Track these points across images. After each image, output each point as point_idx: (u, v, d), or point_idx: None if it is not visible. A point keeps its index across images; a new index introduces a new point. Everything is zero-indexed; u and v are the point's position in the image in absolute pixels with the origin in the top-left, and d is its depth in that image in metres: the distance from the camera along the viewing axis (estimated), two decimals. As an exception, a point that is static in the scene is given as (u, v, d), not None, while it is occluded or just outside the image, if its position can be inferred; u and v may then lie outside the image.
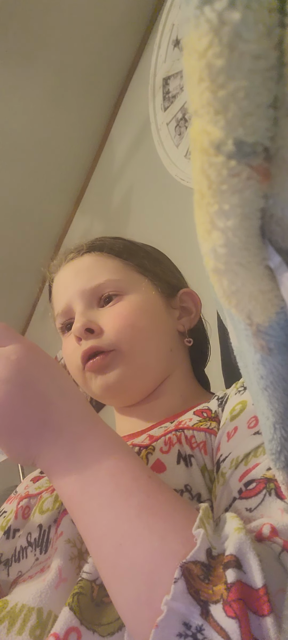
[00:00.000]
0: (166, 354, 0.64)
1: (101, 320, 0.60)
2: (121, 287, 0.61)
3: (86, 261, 0.64)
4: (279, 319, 0.25)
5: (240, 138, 0.21)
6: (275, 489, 0.35)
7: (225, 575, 0.28)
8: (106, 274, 0.62)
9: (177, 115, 1.49)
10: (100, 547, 0.35)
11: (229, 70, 0.20)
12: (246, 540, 0.29)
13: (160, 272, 0.67)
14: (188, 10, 0.20)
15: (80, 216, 2.17)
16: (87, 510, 0.36)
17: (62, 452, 0.38)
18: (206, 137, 0.22)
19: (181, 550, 0.30)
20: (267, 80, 0.20)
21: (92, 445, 0.38)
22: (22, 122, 1.76)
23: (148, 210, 1.67)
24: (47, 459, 0.39)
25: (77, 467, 0.37)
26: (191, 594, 0.28)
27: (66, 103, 1.76)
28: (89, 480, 0.36)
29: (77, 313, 0.62)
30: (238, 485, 0.39)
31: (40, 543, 0.48)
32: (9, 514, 0.55)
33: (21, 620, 0.40)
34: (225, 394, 0.54)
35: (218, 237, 0.23)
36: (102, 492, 0.36)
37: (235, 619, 0.26)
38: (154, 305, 0.63)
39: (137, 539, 0.32)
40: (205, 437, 0.48)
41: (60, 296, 0.64)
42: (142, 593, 0.30)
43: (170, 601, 0.28)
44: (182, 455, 0.46)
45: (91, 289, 0.62)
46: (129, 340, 0.59)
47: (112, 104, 1.84)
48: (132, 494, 0.35)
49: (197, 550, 0.29)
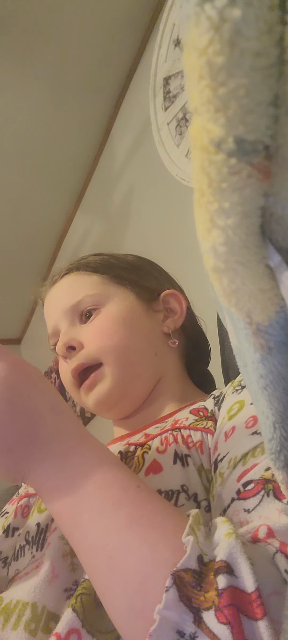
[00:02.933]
0: (151, 358, 0.64)
1: (82, 335, 0.63)
2: (98, 301, 0.63)
3: (66, 281, 0.67)
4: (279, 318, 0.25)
5: (241, 136, 0.21)
6: (273, 489, 0.35)
7: (216, 582, 0.28)
8: (83, 291, 0.64)
9: (178, 115, 1.49)
10: (92, 560, 0.35)
11: (230, 67, 0.20)
12: (236, 545, 0.29)
13: (137, 278, 0.68)
14: (189, 8, 0.20)
15: (81, 216, 2.17)
16: (78, 525, 0.36)
17: (51, 468, 0.38)
18: (206, 135, 0.21)
19: (171, 559, 0.30)
20: (268, 77, 0.20)
21: (80, 460, 0.38)
22: (23, 122, 1.76)
23: (149, 210, 1.67)
24: (36, 475, 0.39)
25: (66, 482, 0.37)
26: (183, 602, 0.28)
27: (67, 102, 1.76)
28: (78, 494, 0.37)
29: (61, 333, 0.64)
30: (236, 485, 0.39)
31: (36, 541, 0.48)
32: (10, 514, 0.56)
33: (16, 616, 0.40)
34: (222, 393, 0.54)
35: (218, 235, 0.23)
36: (92, 506, 0.36)
37: (227, 625, 0.26)
38: (133, 312, 0.64)
39: (127, 549, 0.32)
40: (202, 436, 0.48)
41: (48, 319, 0.68)
42: (135, 603, 0.30)
43: (162, 610, 0.28)
44: (178, 455, 0.47)
45: (71, 306, 0.64)
46: (109, 351, 0.61)
47: (112, 103, 1.84)
48: (121, 505, 0.35)
49: (187, 558, 0.29)
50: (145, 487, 0.37)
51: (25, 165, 1.91)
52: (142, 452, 0.49)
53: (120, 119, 1.84)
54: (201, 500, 0.44)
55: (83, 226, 2.15)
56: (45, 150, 1.89)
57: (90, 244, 2.06)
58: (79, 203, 2.15)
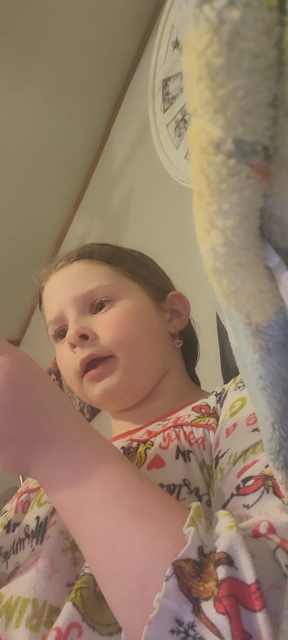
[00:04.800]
0: (160, 355, 0.64)
1: (94, 326, 0.61)
2: (112, 293, 0.62)
3: (76, 268, 0.64)
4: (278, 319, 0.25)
5: (240, 137, 0.21)
6: (273, 486, 0.35)
7: (216, 572, 0.28)
8: (97, 281, 0.62)
9: (177, 116, 1.49)
10: (94, 551, 0.35)
11: (228, 69, 0.20)
12: (237, 537, 0.29)
13: (149, 276, 0.68)
14: (188, 9, 0.20)
15: (80, 218, 2.17)
16: (80, 516, 0.37)
17: (54, 460, 0.39)
18: (205, 136, 0.22)
19: (172, 549, 0.30)
20: (267, 79, 0.20)
21: (83, 453, 0.39)
22: (22, 123, 1.76)
23: (148, 211, 1.67)
24: (40, 467, 0.39)
25: (69, 475, 0.38)
26: (183, 591, 0.28)
27: (66, 104, 1.76)
28: (81, 486, 0.37)
29: (70, 320, 0.62)
30: (236, 481, 0.39)
31: (36, 534, 0.49)
32: (9, 512, 0.56)
33: (17, 613, 0.41)
34: (224, 390, 0.54)
35: (217, 236, 0.23)
36: (94, 498, 0.36)
37: (225, 615, 0.26)
38: (146, 309, 0.64)
39: (128, 540, 0.33)
40: (204, 433, 0.49)
41: (52, 304, 0.65)
42: (135, 592, 0.31)
43: (162, 598, 0.28)
44: (180, 451, 0.47)
45: (83, 295, 0.62)
46: (124, 345, 0.60)
47: (111, 105, 1.84)
48: (123, 497, 0.35)
49: (187, 548, 0.30)
50: (147, 480, 0.38)
51: (24, 167, 1.91)
52: (144, 448, 0.49)
53: (119, 120, 1.84)
54: (203, 495, 0.44)
55: (82, 228, 2.15)
56: (44, 151, 1.89)
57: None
58: (77, 204, 2.15)
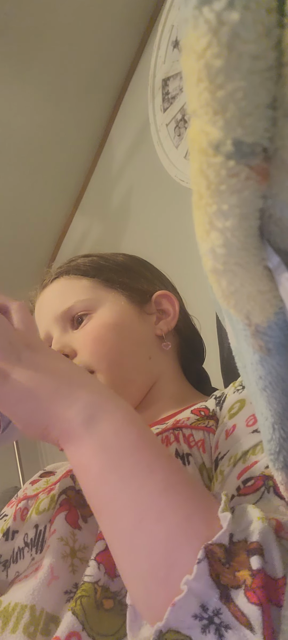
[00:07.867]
0: (145, 362, 0.63)
1: (74, 342, 0.62)
2: (90, 306, 0.63)
3: (56, 287, 0.66)
4: (278, 320, 0.25)
5: (239, 138, 0.21)
6: (273, 486, 0.35)
7: (250, 562, 0.28)
8: (74, 296, 0.63)
9: (177, 116, 1.49)
10: (117, 521, 0.33)
11: (228, 70, 0.20)
12: (270, 530, 0.29)
13: (129, 281, 0.67)
14: (187, 11, 0.20)
15: (80, 217, 2.17)
16: (106, 482, 0.34)
17: (77, 417, 0.36)
18: (205, 137, 0.22)
19: (205, 532, 0.29)
20: (266, 80, 0.20)
21: (112, 416, 0.36)
22: (21, 123, 1.76)
23: (148, 211, 1.67)
24: (60, 423, 0.36)
25: (95, 436, 0.35)
26: (212, 577, 0.28)
27: (65, 104, 1.76)
28: (110, 451, 0.34)
29: (53, 340, 0.64)
30: (236, 482, 0.39)
31: (36, 543, 0.48)
32: (9, 517, 0.56)
33: (14, 619, 0.40)
34: (223, 393, 0.54)
35: (217, 237, 0.23)
36: (124, 465, 0.34)
37: (259, 606, 0.26)
38: (125, 316, 0.63)
39: (160, 515, 0.31)
40: (204, 435, 0.48)
41: (40, 325, 0.67)
42: (160, 570, 0.30)
43: (192, 581, 0.27)
44: (179, 454, 0.46)
45: (62, 312, 0.63)
46: (102, 358, 0.60)
47: (111, 105, 1.84)
48: (155, 470, 0.33)
49: (222, 534, 0.29)
50: (175, 459, 0.37)
51: (24, 166, 1.91)
52: None
53: (119, 120, 1.84)
54: None
55: (82, 227, 2.15)
56: (44, 151, 1.89)
57: (89, 245, 2.05)
58: (77, 204, 2.15)
